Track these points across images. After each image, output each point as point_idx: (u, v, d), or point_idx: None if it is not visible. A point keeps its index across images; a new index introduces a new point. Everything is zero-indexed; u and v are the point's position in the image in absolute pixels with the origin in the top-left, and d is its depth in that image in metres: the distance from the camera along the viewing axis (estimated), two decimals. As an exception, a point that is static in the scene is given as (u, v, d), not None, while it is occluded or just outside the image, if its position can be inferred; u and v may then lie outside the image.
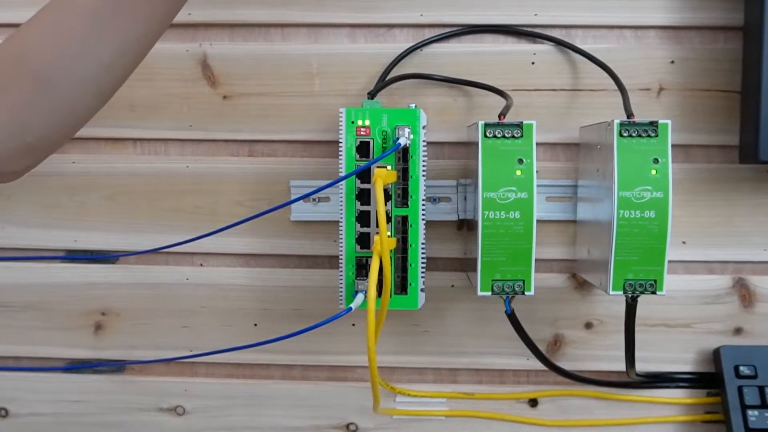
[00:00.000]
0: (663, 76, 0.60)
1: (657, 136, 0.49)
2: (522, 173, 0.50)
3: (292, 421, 0.64)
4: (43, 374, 0.65)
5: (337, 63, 0.61)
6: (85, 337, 0.64)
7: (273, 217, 0.60)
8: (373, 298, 0.45)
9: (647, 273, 0.50)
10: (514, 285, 0.50)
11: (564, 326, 0.62)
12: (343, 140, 0.51)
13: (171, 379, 0.65)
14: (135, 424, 0.65)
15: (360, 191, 0.51)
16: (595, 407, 0.62)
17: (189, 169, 0.62)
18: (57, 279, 0.64)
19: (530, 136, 0.50)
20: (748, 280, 0.61)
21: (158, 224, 0.63)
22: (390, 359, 0.63)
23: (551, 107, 0.60)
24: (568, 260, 0.62)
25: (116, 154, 0.63)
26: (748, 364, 0.59)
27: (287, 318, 0.63)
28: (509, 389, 0.63)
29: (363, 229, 0.52)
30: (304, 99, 0.61)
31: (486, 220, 0.50)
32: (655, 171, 0.49)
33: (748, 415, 0.57)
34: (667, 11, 0.59)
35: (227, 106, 0.62)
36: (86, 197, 0.63)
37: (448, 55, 0.60)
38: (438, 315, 0.62)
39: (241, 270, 0.63)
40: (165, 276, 0.63)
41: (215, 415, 0.64)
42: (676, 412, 0.62)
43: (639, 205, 0.49)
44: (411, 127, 0.50)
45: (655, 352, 0.62)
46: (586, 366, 0.62)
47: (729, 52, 0.59)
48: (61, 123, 0.44)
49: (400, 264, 0.52)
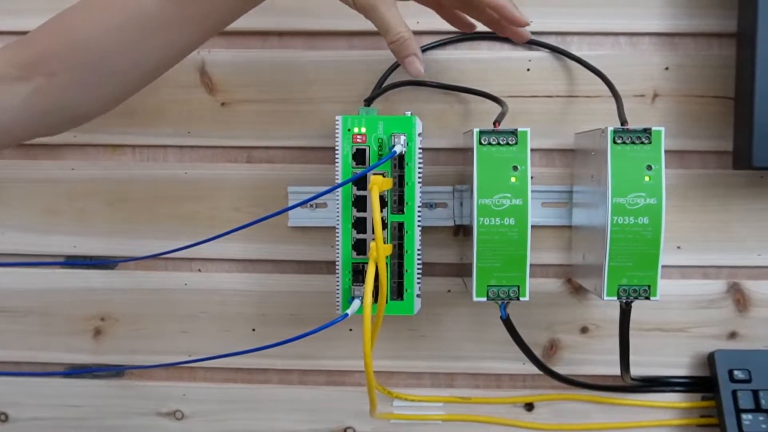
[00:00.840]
0: (657, 82, 0.60)
1: (650, 143, 0.50)
2: (517, 180, 0.50)
3: (291, 425, 0.64)
4: (43, 379, 0.66)
5: (335, 70, 0.61)
6: (84, 342, 0.65)
7: (271, 223, 0.60)
8: (369, 305, 0.46)
9: (641, 278, 0.50)
10: (509, 291, 0.51)
11: (560, 331, 0.63)
12: (339, 148, 0.52)
13: (170, 383, 0.65)
14: (134, 428, 0.65)
15: (356, 198, 0.52)
16: (590, 411, 0.63)
17: (187, 175, 0.63)
18: (56, 284, 0.64)
19: (525, 143, 0.50)
20: (742, 285, 0.61)
21: (157, 230, 0.63)
22: (387, 364, 0.64)
23: (547, 113, 0.61)
24: (564, 265, 0.62)
25: (115, 161, 0.63)
26: (743, 368, 0.59)
27: (285, 323, 0.63)
28: (506, 393, 0.63)
29: (359, 236, 0.52)
30: (301, 106, 0.62)
31: (481, 226, 0.50)
32: (648, 177, 0.50)
33: (743, 418, 0.57)
34: (662, 18, 0.60)
35: (225, 113, 0.62)
36: (86, 203, 0.64)
37: (445, 62, 0.61)
38: (435, 320, 0.63)
39: (239, 275, 0.64)
40: (164, 281, 0.64)
41: (214, 420, 0.65)
42: (672, 415, 0.62)
43: (632, 211, 0.50)
44: (407, 135, 0.51)
45: (651, 356, 0.62)
46: (582, 370, 0.63)
47: (723, 58, 0.60)
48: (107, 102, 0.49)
49: (396, 270, 0.53)
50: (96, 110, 0.49)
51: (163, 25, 0.47)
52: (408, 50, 0.48)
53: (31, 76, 0.45)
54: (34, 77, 0.45)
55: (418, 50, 0.48)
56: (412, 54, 0.48)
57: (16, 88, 0.45)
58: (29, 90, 0.46)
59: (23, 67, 0.45)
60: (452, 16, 0.56)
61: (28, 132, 0.48)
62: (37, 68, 0.45)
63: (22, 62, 0.46)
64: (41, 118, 0.47)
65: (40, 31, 0.47)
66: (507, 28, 0.53)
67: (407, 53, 0.48)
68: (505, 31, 0.54)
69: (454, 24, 0.56)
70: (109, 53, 0.46)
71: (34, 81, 0.45)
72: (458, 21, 0.56)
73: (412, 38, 0.48)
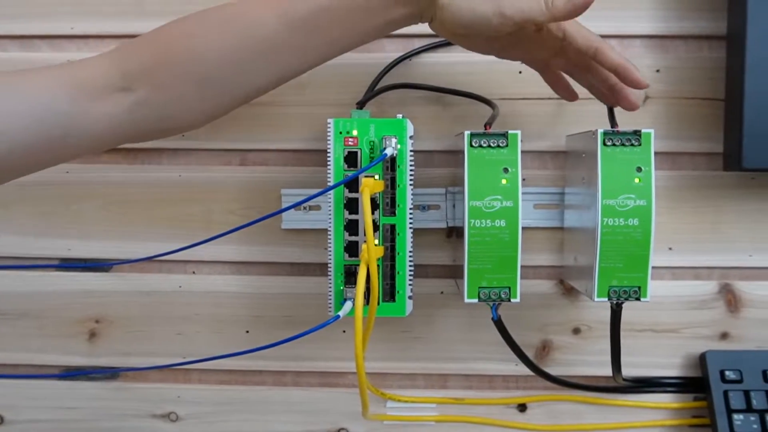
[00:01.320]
0: (649, 84, 0.60)
1: (640, 145, 0.50)
2: (507, 182, 0.50)
3: (285, 426, 0.65)
4: (39, 381, 0.66)
5: (328, 73, 0.61)
6: (79, 344, 0.65)
7: (264, 225, 0.61)
8: (360, 306, 0.46)
9: (631, 280, 0.51)
10: (500, 292, 0.51)
11: (552, 332, 0.63)
12: (331, 150, 0.52)
13: (164, 385, 0.65)
14: (129, 430, 0.65)
15: (348, 200, 0.52)
16: (583, 412, 0.63)
17: (182, 178, 0.63)
18: (52, 287, 0.65)
19: (515, 145, 0.50)
20: (734, 286, 0.62)
21: (152, 233, 0.64)
22: (381, 365, 0.64)
23: (539, 116, 0.61)
24: (556, 267, 0.62)
25: (110, 164, 0.64)
26: (734, 368, 0.59)
27: (279, 325, 0.64)
28: (499, 394, 0.64)
29: (351, 238, 0.52)
30: (295, 108, 0.62)
31: (472, 228, 0.50)
32: (638, 179, 0.50)
33: (734, 419, 0.58)
34: (653, 21, 0.60)
35: (219, 116, 0.62)
36: (81, 206, 0.64)
37: (437, 65, 0.61)
38: (428, 321, 0.63)
39: (233, 278, 0.64)
40: (158, 284, 0.64)
41: (209, 422, 0.65)
42: (664, 416, 0.63)
43: (623, 212, 0.50)
44: (398, 137, 0.51)
45: (643, 357, 0.62)
46: (574, 371, 0.63)
47: (714, 60, 0.60)
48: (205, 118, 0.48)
49: (388, 272, 0.53)
50: (191, 125, 0.48)
51: (283, 50, 0.46)
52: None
53: (136, 87, 0.44)
54: (139, 89, 0.44)
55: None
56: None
57: (118, 98, 0.44)
58: (131, 101, 0.44)
59: (129, 77, 0.44)
60: (557, 79, 0.54)
61: (117, 141, 0.47)
62: (143, 80, 0.44)
63: (128, 72, 0.44)
64: (134, 127, 0.46)
65: (148, 40, 0.46)
66: (620, 93, 0.51)
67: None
68: (615, 98, 0.52)
69: (556, 89, 0.55)
70: (221, 72, 0.45)
71: (138, 92, 0.44)
72: (562, 86, 0.55)
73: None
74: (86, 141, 0.44)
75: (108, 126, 0.44)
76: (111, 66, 0.44)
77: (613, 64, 0.48)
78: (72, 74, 0.44)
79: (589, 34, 0.48)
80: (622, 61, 0.48)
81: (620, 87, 0.51)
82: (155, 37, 0.46)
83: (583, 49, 0.48)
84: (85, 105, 0.43)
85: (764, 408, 0.58)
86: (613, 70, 0.48)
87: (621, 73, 0.48)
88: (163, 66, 0.45)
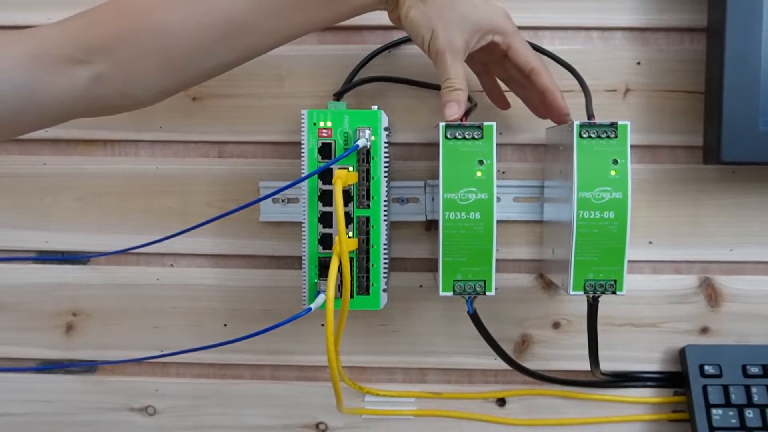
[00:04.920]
0: (629, 77, 0.60)
1: (617, 138, 0.50)
2: (482, 174, 0.50)
3: (262, 420, 0.64)
4: (15, 374, 0.66)
5: (306, 65, 0.61)
6: (56, 337, 0.65)
7: (242, 218, 0.60)
8: (331, 298, 0.46)
9: (607, 273, 0.50)
10: (475, 285, 0.51)
11: (532, 326, 0.62)
12: (305, 142, 0.52)
13: (142, 379, 0.65)
14: (106, 424, 0.65)
15: (322, 192, 0.52)
16: (562, 406, 0.63)
17: (159, 170, 0.63)
18: (28, 280, 0.64)
19: (490, 137, 0.50)
20: (714, 280, 0.61)
21: (129, 225, 0.63)
22: (359, 359, 0.63)
23: (520, 108, 0.60)
24: (536, 260, 0.62)
25: (87, 156, 0.63)
26: (713, 363, 0.59)
27: (257, 318, 0.63)
28: (477, 389, 0.63)
29: (325, 230, 0.52)
30: (273, 100, 0.62)
31: (447, 221, 0.50)
32: (614, 172, 0.50)
33: (713, 413, 0.57)
34: (634, 13, 0.60)
35: (197, 108, 0.62)
36: (57, 198, 0.63)
37: (417, 57, 0.61)
38: (407, 315, 0.63)
39: (211, 270, 0.63)
40: (136, 277, 0.64)
41: (186, 415, 0.65)
42: (643, 411, 0.62)
43: (598, 205, 0.50)
44: (372, 129, 0.51)
45: (622, 351, 0.62)
46: (554, 365, 0.62)
47: (694, 53, 0.60)
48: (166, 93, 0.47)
49: (363, 264, 0.53)
50: (152, 100, 0.47)
51: (248, 31, 0.46)
52: (453, 97, 0.49)
53: (94, 60, 0.43)
54: (98, 63, 0.43)
55: (463, 102, 0.49)
56: (454, 101, 0.49)
57: (76, 71, 0.42)
58: (89, 75, 0.43)
59: (87, 50, 0.42)
60: (493, 86, 0.57)
61: (74, 115, 0.45)
62: (102, 54, 0.43)
63: (87, 45, 0.43)
64: (92, 103, 0.44)
65: (109, 12, 0.44)
66: (548, 110, 0.54)
67: (451, 99, 0.49)
68: (539, 111, 0.56)
69: (492, 96, 0.58)
70: (185, 49, 0.44)
71: (97, 67, 0.43)
72: (497, 94, 0.58)
73: (463, 92, 0.49)
74: (40, 115, 0.44)
75: (64, 102, 0.43)
76: (72, 35, 0.43)
77: (542, 87, 0.52)
78: (31, 43, 0.42)
79: (530, 53, 0.52)
80: (550, 86, 0.52)
81: (548, 106, 0.54)
82: (117, 8, 0.44)
83: (521, 65, 0.52)
84: (42, 76, 0.42)
85: (743, 403, 0.57)
86: (542, 92, 0.52)
87: (547, 97, 0.52)
88: (127, 41, 0.43)
